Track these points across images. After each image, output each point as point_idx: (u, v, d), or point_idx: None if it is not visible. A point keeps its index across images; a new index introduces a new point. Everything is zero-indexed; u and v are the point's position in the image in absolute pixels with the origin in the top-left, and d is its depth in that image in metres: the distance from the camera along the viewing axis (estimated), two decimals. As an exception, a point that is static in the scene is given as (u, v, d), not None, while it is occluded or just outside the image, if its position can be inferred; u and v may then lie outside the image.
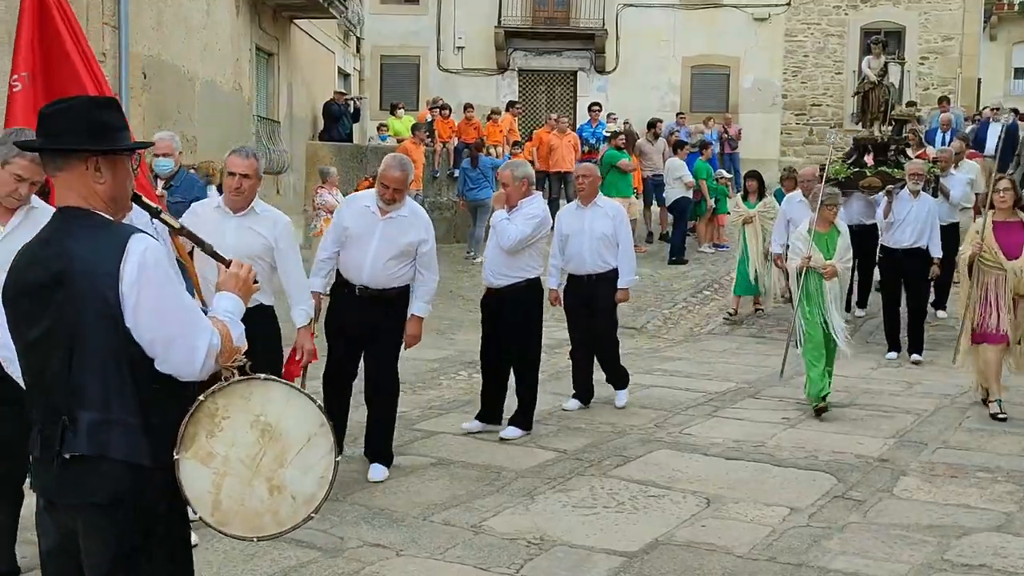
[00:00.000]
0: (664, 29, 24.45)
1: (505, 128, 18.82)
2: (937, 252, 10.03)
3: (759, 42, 24.57)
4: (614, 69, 24.82)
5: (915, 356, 10.04)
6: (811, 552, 4.85)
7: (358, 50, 23.73)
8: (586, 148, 17.79)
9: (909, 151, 12.60)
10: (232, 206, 5.20)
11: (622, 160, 15.15)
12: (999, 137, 14.34)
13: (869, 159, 12.13)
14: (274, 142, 16.06)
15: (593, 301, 7.55)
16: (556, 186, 16.95)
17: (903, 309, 10.29)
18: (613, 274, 7.52)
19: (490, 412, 7.03)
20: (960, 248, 7.97)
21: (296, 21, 17.25)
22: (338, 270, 6.00)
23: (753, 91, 24.65)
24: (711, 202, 15.93)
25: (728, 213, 15.57)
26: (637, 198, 16.28)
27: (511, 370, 7.03)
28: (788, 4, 24.51)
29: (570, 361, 8.01)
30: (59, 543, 2.59)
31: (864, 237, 10.50)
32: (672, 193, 15.62)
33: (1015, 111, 18.21)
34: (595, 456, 6.47)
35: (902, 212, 9.92)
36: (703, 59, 24.66)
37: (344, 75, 22.34)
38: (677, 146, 16.27)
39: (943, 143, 15.24)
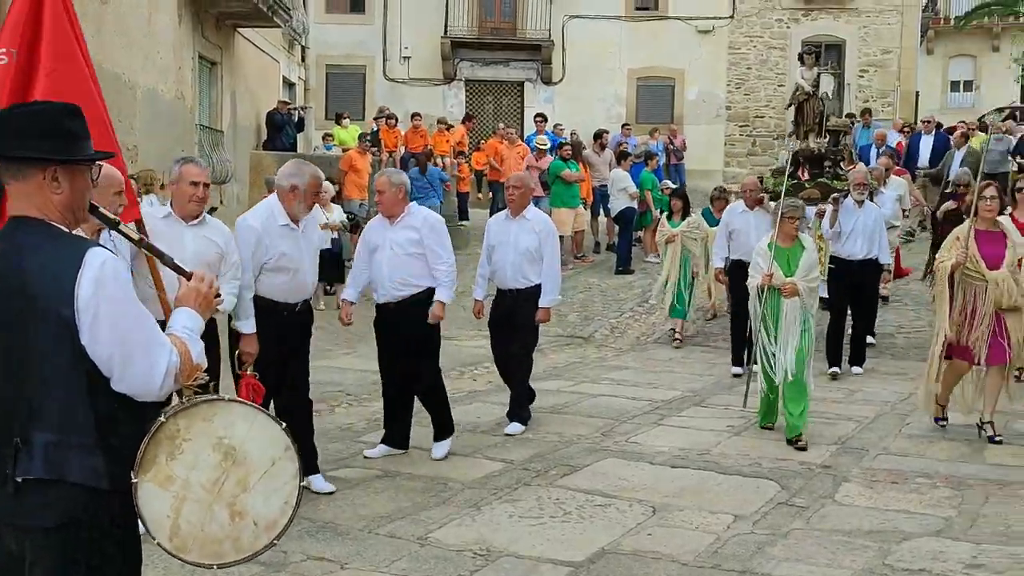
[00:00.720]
0: (610, 41, 24.67)
1: (455, 140, 18.79)
2: (886, 259, 9.96)
3: (703, 54, 24.90)
4: (560, 80, 24.97)
5: (856, 369, 9.92)
6: (755, 559, 4.89)
7: (303, 59, 23.58)
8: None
9: (843, 164, 12.81)
10: (189, 214, 5.26)
11: (565, 171, 15.21)
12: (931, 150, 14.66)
13: (803, 172, 12.32)
14: (217, 152, 15.89)
15: (513, 317, 7.34)
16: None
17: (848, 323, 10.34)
18: (536, 291, 7.25)
19: (398, 436, 6.71)
20: (938, 256, 7.44)
21: (240, 30, 17.10)
22: (262, 297, 5.55)
23: (698, 103, 24.95)
24: (656, 213, 16.02)
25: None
26: (585, 208, 16.35)
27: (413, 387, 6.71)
28: (732, 17, 24.87)
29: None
30: (4, 565, 2.47)
31: None
32: (617, 204, 15.72)
33: (939, 125, 18.50)
34: (541, 466, 6.46)
35: (849, 223, 9.68)
36: (648, 71, 24.92)
37: (289, 84, 22.18)
38: (621, 157, 16.37)
39: (877, 158, 15.42)
